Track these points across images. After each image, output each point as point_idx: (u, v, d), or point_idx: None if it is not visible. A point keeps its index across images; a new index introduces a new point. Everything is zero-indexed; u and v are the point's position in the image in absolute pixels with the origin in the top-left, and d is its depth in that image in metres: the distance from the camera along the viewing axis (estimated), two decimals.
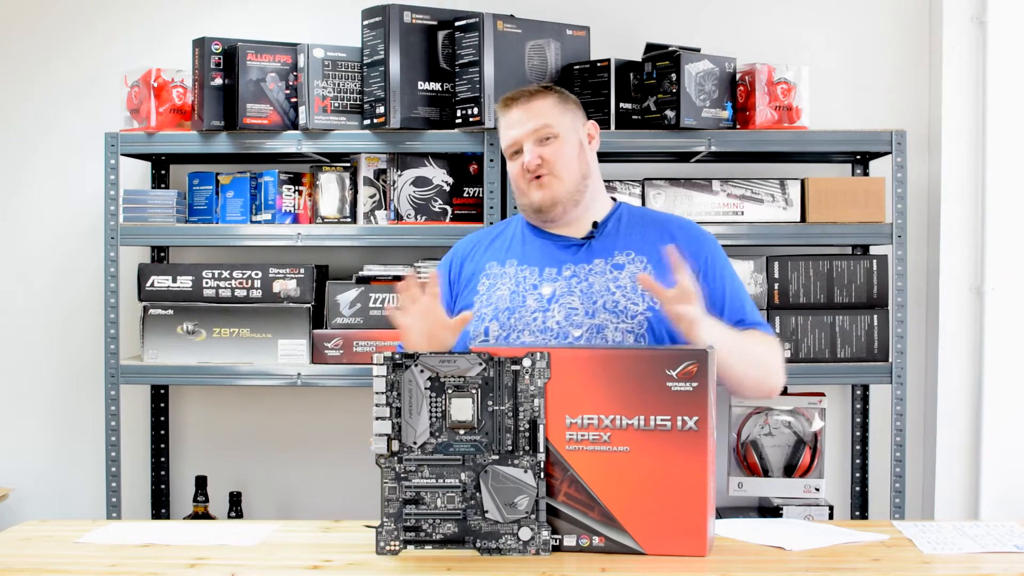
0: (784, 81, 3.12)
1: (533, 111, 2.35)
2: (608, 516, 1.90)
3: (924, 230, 3.43)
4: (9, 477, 3.56)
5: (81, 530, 2.11)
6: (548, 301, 2.29)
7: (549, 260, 2.35)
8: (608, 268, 2.31)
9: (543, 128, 2.34)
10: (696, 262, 2.31)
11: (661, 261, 2.28)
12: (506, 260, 2.38)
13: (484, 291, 2.35)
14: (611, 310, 2.27)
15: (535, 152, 2.32)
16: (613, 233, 2.37)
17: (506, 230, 2.47)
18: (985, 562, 1.89)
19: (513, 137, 2.36)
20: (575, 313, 2.27)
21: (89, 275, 3.46)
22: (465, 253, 2.46)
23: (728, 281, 2.37)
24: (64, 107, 3.54)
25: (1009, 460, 3.36)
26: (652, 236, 2.35)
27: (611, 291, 2.28)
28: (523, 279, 2.34)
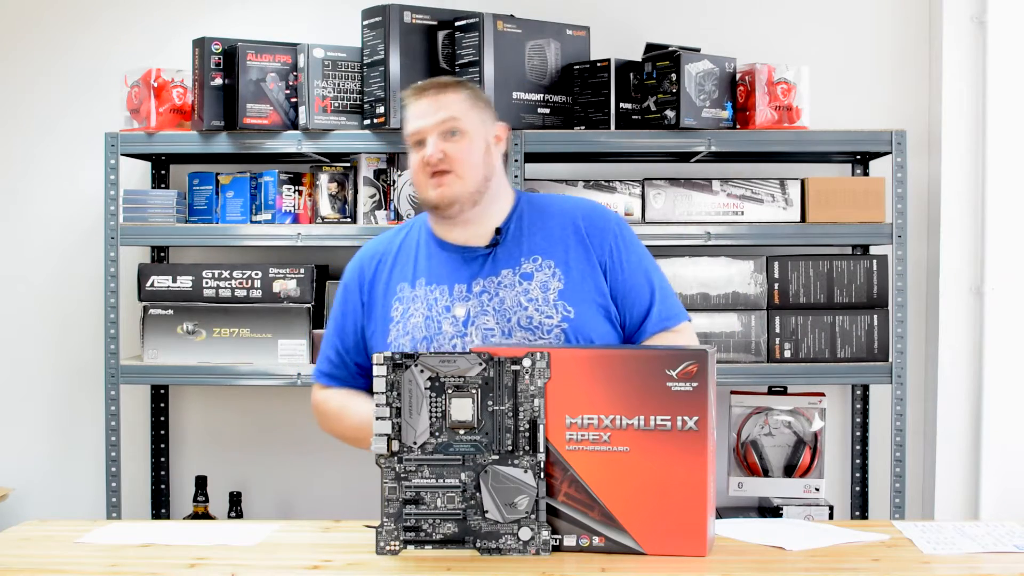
0: (784, 81, 3.12)
1: (442, 103, 2.23)
2: (608, 516, 1.90)
3: (924, 230, 3.43)
4: (9, 477, 3.56)
5: (81, 530, 2.11)
6: (464, 324, 2.20)
7: (457, 275, 2.24)
8: (517, 280, 2.21)
9: (449, 121, 2.22)
10: (602, 256, 2.23)
11: (567, 262, 2.22)
12: (415, 280, 2.26)
13: (399, 318, 2.25)
14: (526, 327, 2.18)
15: (439, 146, 2.20)
16: (516, 236, 2.26)
17: (408, 238, 2.34)
18: (985, 562, 1.88)
19: (417, 127, 2.23)
20: (491, 334, 2.19)
21: (89, 275, 3.46)
22: (372, 268, 2.33)
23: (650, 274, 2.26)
24: (64, 107, 3.54)
25: (1009, 460, 3.36)
26: (556, 233, 2.25)
27: (523, 305, 2.19)
28: (435, 301, 2.23)
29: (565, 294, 2.20)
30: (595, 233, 2.25)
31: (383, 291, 2.30)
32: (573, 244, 2.24)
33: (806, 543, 1.97)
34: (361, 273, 2.34)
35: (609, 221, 2.28)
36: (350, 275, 2.36)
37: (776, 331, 3.16)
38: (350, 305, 2.33)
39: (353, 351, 2.32)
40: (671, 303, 2.27)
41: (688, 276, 3.17)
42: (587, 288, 2.22)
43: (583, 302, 2.20)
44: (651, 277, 2.26)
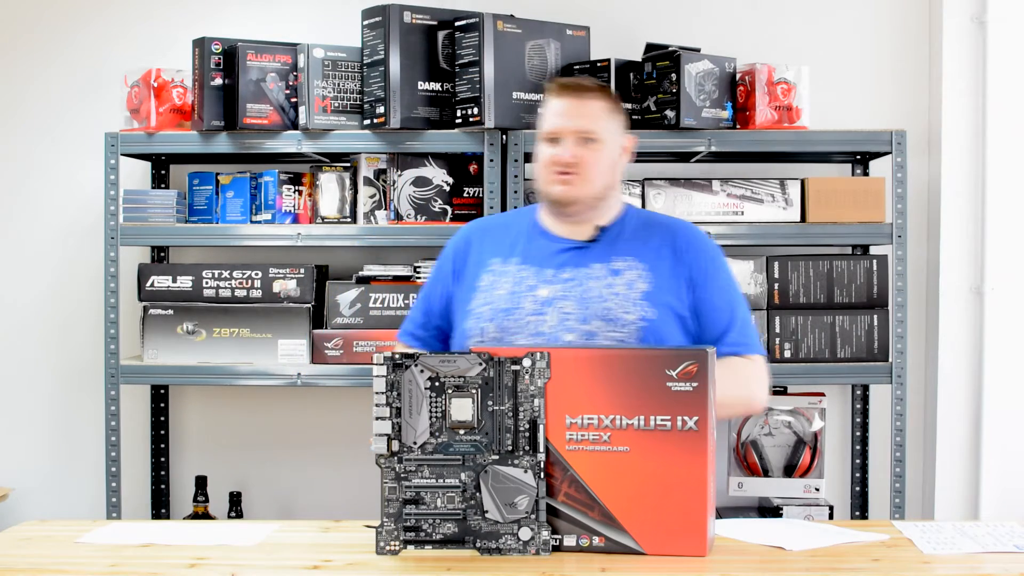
0: (784, 81, 3.12)
1: (585, 109, 2.32)
2: (608, 516, 1.90)
3: (924, 230, 3.43)
4: (9, 477, 3.56)
5: (81, 530, 2.11)
6: (544, 304, 2.28)
7: (549, 261, 2.34)
8: (606, 273, 2.30)
9: (589, 132, 2.31)
10: (693, 273, 2.31)
11: (658, 268, 2.29)
12: (509, 257, 2.37)
13: (485, 288, 2.35)
14: (604, 317, 2.25)
15: (572, 150, 2.29)
16: (615, 238, 2.35)
17: (517, 222, 2.45)
18: (985, 562, 1.89)
19: (557, 126, 2.31)
20: (568, 318, 2.26)
21: (89, 275, 3.46)
22: (472, 239, 2.44)
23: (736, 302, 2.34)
24: (64, 107, 3.54)
25: (1009, 460, 3.36)
26: (654, 242, 2.34)
27: (605, 297, 2.27)
28: (522, 279, 2.33)
29: (649, 296, 2.27)
30: (690, 250, 2.34)
31: (476, 261, 2.40)
32: (667, 255, 2.33)
33: (806, 543, 1.97)
34: (462, 242, 2.45)
35: (707, 243, 2.38)
36: (453, 244, 2.47)
37: (776, 331, 3.16)
38: (443, 272, 2.45)
39: (437, 315, 2.43)
40: (749, 333, 2.35)
41: None
42: (670, 296, 2.29)
43: (664, 307, 2.28)
44: (735, 305, 2.35)
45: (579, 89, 2.34)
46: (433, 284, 2.46)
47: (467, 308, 2.34)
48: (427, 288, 2.48)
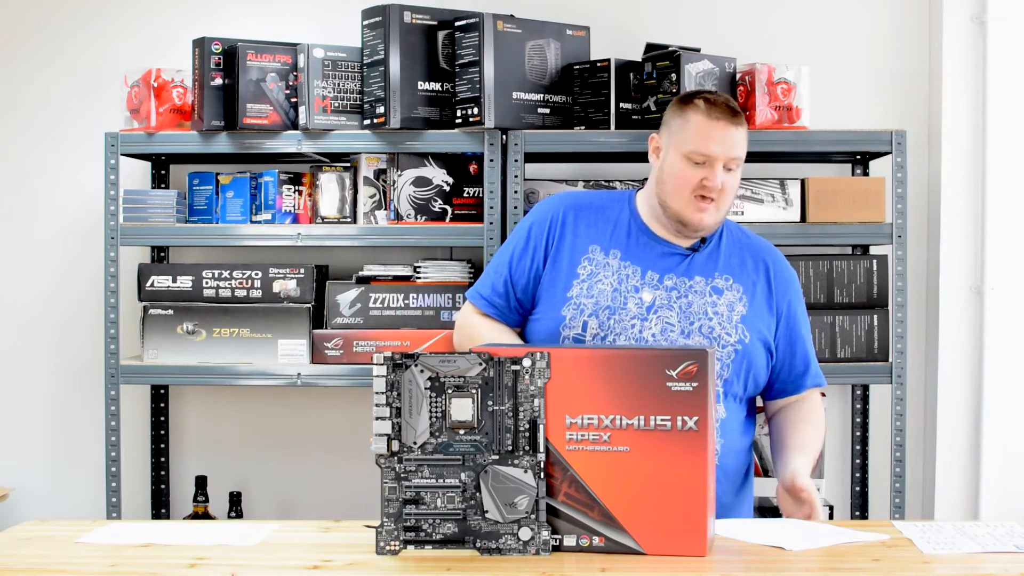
0: (784, 81, 3.12)
1: (737, 136, 2.33)
2: (608, 516, 1.90)
3: (924, 230, 3.43)
4: (9, 477, 3.56)
5: (81, 530, 2.11)
6: (647, 309, 2.31)
7: (653, 264, 2.35)
8: (708, 290, 2.34)
9: (737, 160, 2.33)
10: (780, 304, 2.40)
11: (754, 293, 2.37)
12: (610, 249, 2.36)
13: (585, 277, 2.35)
14: (706, 335, 2.31)
15: (721, 177, 2.31)
16: (715, 251, 2.39)
17: (612, 208, 2.43)
18: (985, 562, 1.88)
19: (712, 152, 2.30)
20: (671, 329, 2.30)
21: (89, 275, 3.46)
22: (568, 215, 2.41)
23: (807, 337, 2.45)
24: (64, 107, 3.54)
25: (1009, 460, 3.36)
26: (749, 264, 2.40)
27: (708, 316, 2.32)
28: (626, 278, 2.34)
29: (746, 320, 2.35)
30: (781, 282, 2.42)
31: (572, 243, 2.38)
32: (761, 282, 2.40)
33: (806, 543, 1.97)
34: (554, 218, 2.41)
35: (794, 276, 2.48)
36: (542, 216, 2.42)
37: None
38: (533, 244, 2.40)
39: (522, 289, 2.41)
40: (818, 363, 2.50)
41: None
42: (762, 323, 2.37)
43: (756, 332, 2.35)
44: (810, 337, 2.48)
45: (734, 115, 2.34)
46: (521, 255, 2.41)
47: (565, 294, 2.34)
48: (511, 256, 2.42)
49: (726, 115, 2.32)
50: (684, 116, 2.35)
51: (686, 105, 2.36)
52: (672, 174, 2.34)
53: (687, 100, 2.37)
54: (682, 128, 2.34)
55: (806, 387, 2.45)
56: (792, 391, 2.45)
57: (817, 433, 2.42)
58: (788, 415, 2.44)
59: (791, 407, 2.45)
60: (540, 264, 2.39)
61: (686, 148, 2.32)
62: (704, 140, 2.31)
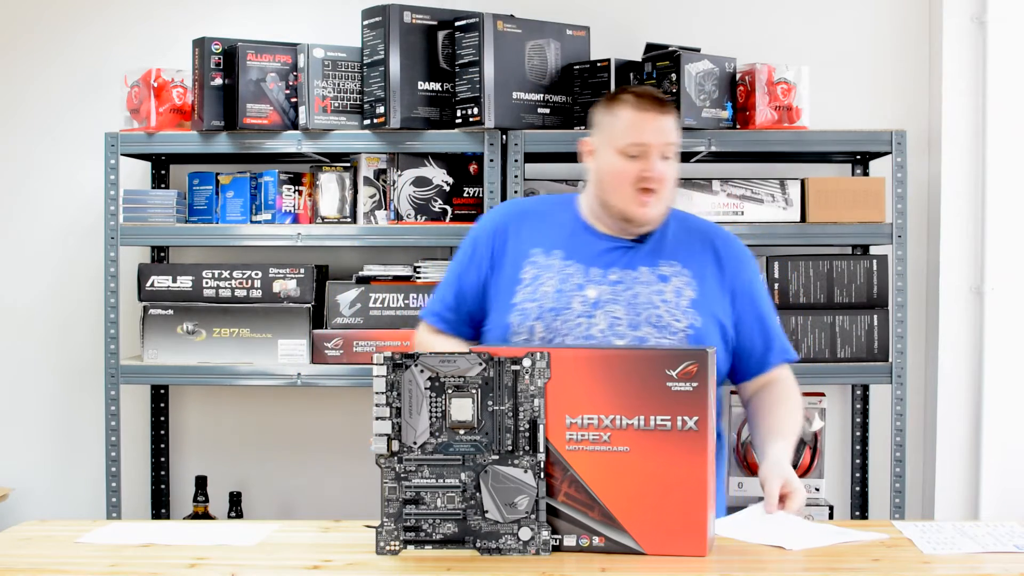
0: (784, 81, 3.12)
1: (669, 124, 2.31)
2: (608, 516, 1.90)
3: (924, 230, 3.43)
4: (9, 477, 3.56)
5: (81, 530, 2.11)
6: (593, 306, 2.28)
7: (596, 260, 2.33)
8: (654, 278, 2.31)
9: (671, 146, 2.31)
10: (734, 283, 2.35)
11: (704, 276, 2.32)
12: (552, 249, 2.34)
13: (528, 281, 2.33)
14: (654, 324, 2.27)
15: (659, 167, 2.28)
16: (659, 239, 2.36)
17: (555, 211, 2.42)
18: (985, 562, 1.89)
19: (647, 141, 2.28)
20: (619, 323, 2.27)
21: (89, 275, 3.46)
22: (511, 224, 2.39)
23: (769, 313, 2.40)
24: (64, 107, 3.54)
25: (1009, 460, 3.36)
26: (697, 248, 2.36)
27: (655, 304, 2.29)
28: (568, 276, 2.31)
29: (696, 304, 2.30)
30: (731, 261, 2.37)
31: (515, 249, 2.36)
32: (710, 263, 2.35)
33: (805, 542, 1.97)
34: (496, 228, 2.40)
35: (746, 253, 2.42)
36: (488, 225, 2.42)
37: None
38: (478, 256, 2.39)
39: (471, 300, 2.39)
40: (784, 336, 2.43)
41: None
42: (715, 305, 2.32)
43: (709, 316, 2.31)
44: (772, 313, 2.41)
45: (661, 103, 2.32)
46: (467, 267, 2.40)
47: (510, 301, 2.32)
48: (459, 270, 2.42)
49: (654, 105, 2.31)
50: (613, 113, 2.33)
51: (613, 102, 2.34)
52: (610, 172, 2.31)
53: (613, 98, 2.36)
54: (613, 124, 2.32)
55: (772, 364, 2.40)
56: (759, 370, 2.39)
57: (793, 413, 2.37)
58: (762, 399, 2.40)
59: (764, 390, 2.40)
60: (486, 274, 2.37)
61: (620, 143, 2.29)
62: (637, 131, 2.29)
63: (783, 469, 2.19)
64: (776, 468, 2.19)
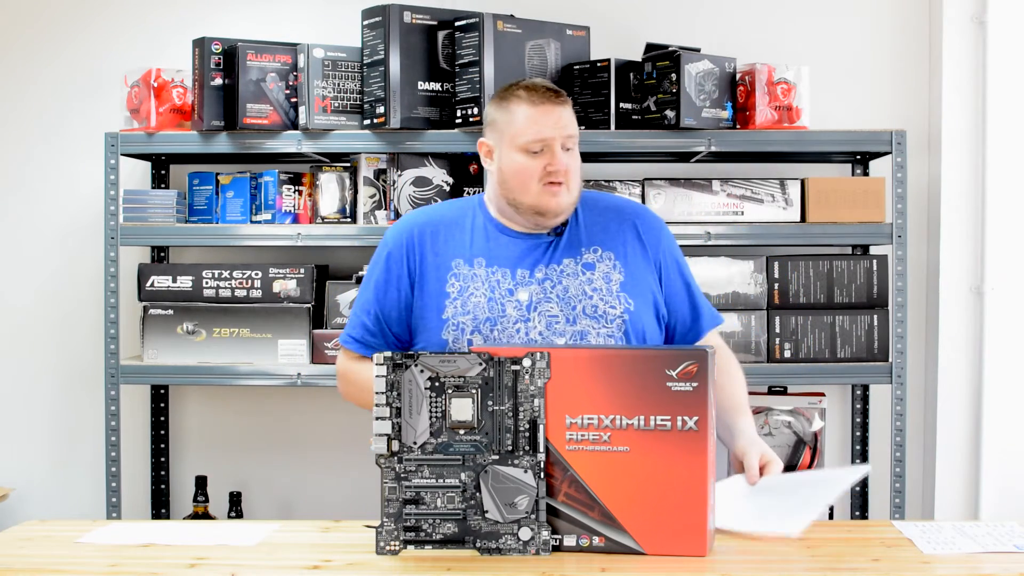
0: (784, 81, 3.12)
1: (566, 115, 2.27)
2: (608, 516, 1.90)
3: (924, 230, 3.43)
4: (9, 477, 3.56)
5: (81, 530, 2.11)
6: (527, 309, 2.25)
7: (519, 261, 2.28)
8: (580, 268, 2.28)
9: (572, 138, 2.28)
10: (657, 256, 2.33)
11: (626, 255, 2.30)
12: (473, 258, 2.29)
13: (456, 294, 2.27)
14: (591, 315, 2.25)
15: (563, 158, 2.25)
16: (574, 227, 2.32)
17: (463, 217, 2.35)
18: (985, 562, 1.89)
19: (547, 135, 2.24)
20: (556, 321, 2.24)
21: (89, 275, 3.46)
22: (423, 235, 2.32)
23: (691, 280, 2.39)
24: (64, 107, 3.54)
25: (1009, 460, 3.36)
26: (613, 228, 2.32)
27: (588, 295, 2.26)
28: (496, 283, 2.27)
29: (626, 286, 2.28)
30: (651, 234, 2.35)
31: (434, 262, 2.30)
32: (631, 240, 2.32)
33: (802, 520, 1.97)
34: (410, 241, 2.32)
35: (662, 224, 2.40)
36: (396, 241, 2.33)
37: (776, 331, 3.16)
38: (395, 273, 2.31)
39: (395, 322, 2.31)
40: (708, 302, 2.42)
41: None
42: (644, 283, 2.31)
43: (640, 296, 2.29)
44: (693, 280, 2.40)
45: (556, 95, 2.28)
46: (386, 287, 2.32)
47: (440, 317, 2.26)
48: (375, 291, 2.33)
49: (549, 97, 2.27)
50: (509, 110, 2.29)
51: (507, 99, 2.30)
52: (514, 171, 2.27)
53: (505, 94, 2.31)
54: (510, 122, 2.28)
55: (705, 331, 2.36)
56: (693, 339, 2.36)
57: (741, 382, 2.33)
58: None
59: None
60: (407, 292, 2.30)
61: (520, 140, 2.26)
62: (536, 127, 2.25)
63: (757, 442, 2.19)
64: (752, 442, 2.18)
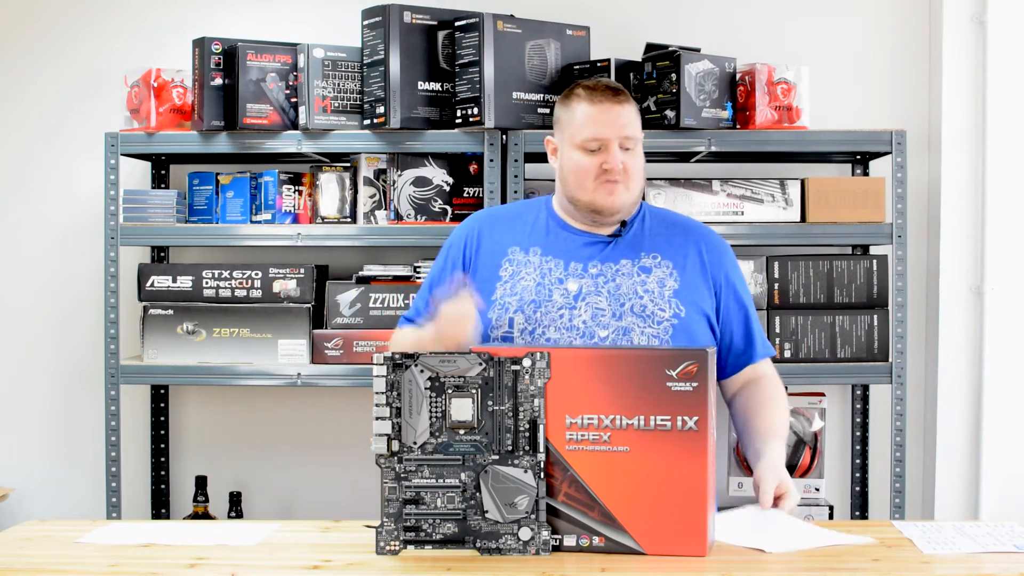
0: (784, 81, 3.12)
1: (625, 115, 2.30)
2: (608, 516, 1.90)
3: (924, 230, 3.43)
4: (9, 477, 3.56)
5: (81, 530, 2.11)
6: (575, 298, 2.28)
7: (575, 255, 2.33)
8: (635, 270, 2.31)
9: (631, 139, 2.29)
10: (717, 276, 2.36)
11: (685, 267, 2.33)
12: (529, 247, 2.34)
13: (507, 278, 2.33)
14: (639, 314, 2.27)
15: (619, 157, 2.27)
16: (638, 234, 2.36)
17: (527, 213, 2.42)
18: (985, 562, 1.89)
19: (600, 135, 2.27)
20: (602, 313, 2.27)
21: (89, 275, 3.46)
22: (483, 228, 2.40)
23: (750, 306, 2.40)
24: (64, 107, 3.54)
25: (1009, 460, 3.36)
26: (677, 241, 2.36)
27: (639, 295, 2.29)
28: (548, 271, 2.31)
29: (679, 294, 2.31)
30: (714, 256, 2.38)
31: (491, 249, 2.36)
32: (692, 256, 2.35)
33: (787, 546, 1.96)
34: (469, 235, 2.41)
35: (727, 248, 2.43)
36: (458, 236, 2.43)
37: (776, 331, 3.16)
38: (452, 263, 2.40)
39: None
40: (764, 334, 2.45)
41: None
42: (698, 296, 2.33)
43: (693, 305, 2.31)
44: (753, 308, 2.41)
45: (616, 94, 2.31)
46: (441, 275, 2.40)
47: (490, 298, 2.31)
48: (433, 279, 2.43)
49: (608, 96, 2.30)
50: (570, 109, 2.33)
51: (569, 98, 2.34)
52: (572, 168, 2.31)
53: (569, 93, 2.36)
54: (570, 121, 2.32)
55: (756, 359, 2.39)
56: (745, 364, 2.39)
57: (783, 411, 2.35)
58: (749, 396, 2.37)
59: (750, 387, 2.37)
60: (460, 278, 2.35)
61: (578, 139, 2.30)
62: (592, 125, 2.29)
63: (779, 470, 2.18)
64: (772, 469, 2.18)
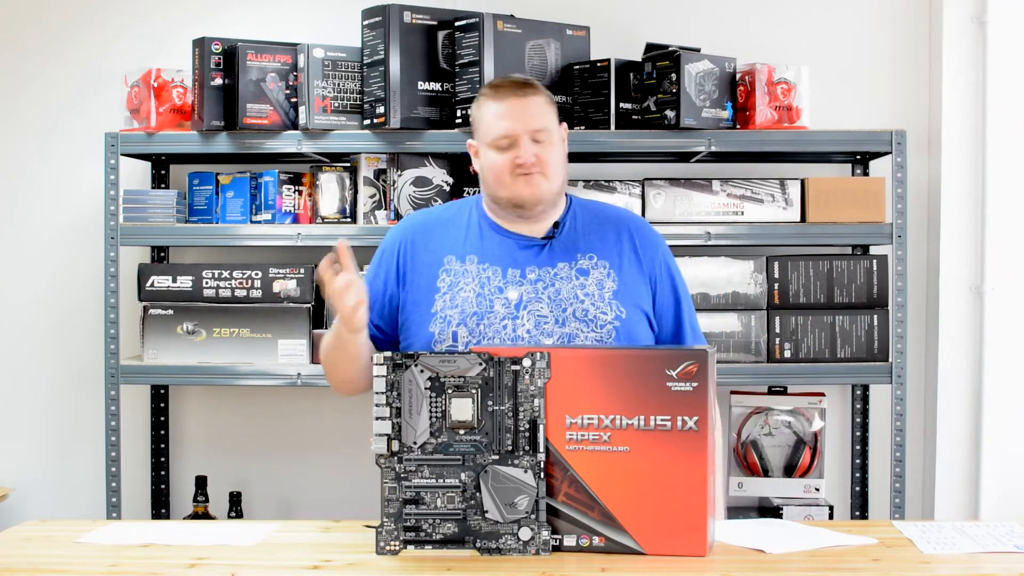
0: (784, 81, 3.12)
1: (530, 107, 2.28)
2: (608, 516, 1.90)
3: (924, 230, 3.43)
4: (9, 477, 3.56)
5: (81, 530, 2.11)
6: (516, 307, 2.25)
7: (511, 260, 2.29)
8: (573, 273, 2.28)
9: (541, 130, 2.27)
10: (652, 270, 2.33)
11: (621, 266, 2.30)
12: (465, 255, 2.31)
13: (445, 289, 2.29)
14: (581, 318, 2.24)
15: (531, 150, 2.26)
16: (572, 233, 2.33)
17: (459, 216, 2.38)
18: (985, 562, 1.89)
19: (509, 130, 2.26)
20: (545, 321, 2.24)
21: (89, 275, 3.46)
22: (417, 236, 2.36)
23: (684, 298, 2.37)
24: (64, 107, 3.54)
25: (1009, 460, 3.36)
26: (611, 238, 2.33)
27: (579, 298, 2.26)
28: (487, 280, 2.28)
29: (619, 295, 2.28)
30: (647, 248, 2.35)
31: (426, 260, 2.33)
32: (627, 252, 2.32)
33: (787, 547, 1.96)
34: (403, 240, 2.37)
35: (659, 239, 2.39)
36: (390, 241, 2.39)
37: (776, 331, 3.16)
38: (385, 269, 2.37)
39: (376, 315, 2.35)
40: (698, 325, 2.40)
41: (688, 276, 3.12)
42: (636, 294, 2.30)
43: (633, 306, 2.29)
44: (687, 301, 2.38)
45: (521, 87, 2.30)
46: (373, 281, 2.36)
47: (429, 311, 2.28)
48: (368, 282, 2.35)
49: (512, 91, 2.29)
50: (480, 109, 2.32)
51: (478, 99, 2.34)
52: (488, 168, 2.30)
53: (479, 94, 2.35)
54: (481, 120, 2.32)
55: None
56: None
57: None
58: None
59: None
60: (394, 289, 2.34)
61: (489, 137, 2.29)
62: (500, 121, 2.27)
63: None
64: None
